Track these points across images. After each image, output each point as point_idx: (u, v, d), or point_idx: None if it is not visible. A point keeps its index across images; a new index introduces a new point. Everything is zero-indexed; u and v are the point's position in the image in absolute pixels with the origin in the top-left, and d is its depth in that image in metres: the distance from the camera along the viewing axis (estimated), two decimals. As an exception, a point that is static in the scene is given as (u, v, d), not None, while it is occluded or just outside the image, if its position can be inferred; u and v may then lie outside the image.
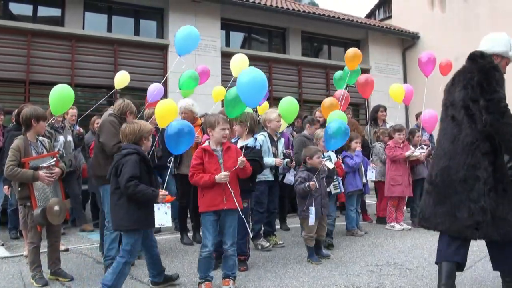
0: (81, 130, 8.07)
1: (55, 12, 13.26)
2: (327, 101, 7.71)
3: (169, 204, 4.45)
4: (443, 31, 18.19)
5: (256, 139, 5.79)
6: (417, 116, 10.10)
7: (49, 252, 5.22)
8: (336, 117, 6.39)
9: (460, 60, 8.73)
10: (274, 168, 6.61)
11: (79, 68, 12.52)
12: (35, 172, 4.87)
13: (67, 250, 6.54)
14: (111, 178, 4.49)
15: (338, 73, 8.69)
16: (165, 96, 12.69)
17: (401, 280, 4.96)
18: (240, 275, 5.19)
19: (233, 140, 5.69)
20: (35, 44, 12.15)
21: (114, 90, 8.77)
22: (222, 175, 4.64)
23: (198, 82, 7.52)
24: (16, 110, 6.87)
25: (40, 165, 4.95)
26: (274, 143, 6.69)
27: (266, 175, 6.51)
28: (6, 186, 6.58)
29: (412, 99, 9.34)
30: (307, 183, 5.71)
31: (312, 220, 5.69)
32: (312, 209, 5.69)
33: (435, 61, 8.64)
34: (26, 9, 12.93)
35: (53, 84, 12.01)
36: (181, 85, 7.30)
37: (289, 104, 7.02)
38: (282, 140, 7.00)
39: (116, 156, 4.54)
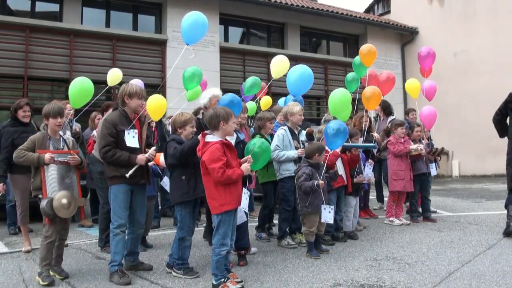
0: (77, 129, 7.98)
1: (53, 7, 13.23)
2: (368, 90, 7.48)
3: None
4: (442, 26, 18.21)
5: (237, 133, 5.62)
6: (407, 112, 10.09)
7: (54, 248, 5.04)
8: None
9: (459, 56, 8.75)
10: (298, 162, 6.44)
11: (78, 64, 12.49)
12: (41, 155, 4.80)
13: (66, 245, 6.51)
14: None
15: (350, 75, 8.58)
16: (164, 91, 12.73)
17: (400, 274, 4.96)
18: (240, 270, 5.19)
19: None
20: (33, 39, 12.13)
21: (111, 86, 8.58)
22: (248, 166, 4.66)
23: (201, 77, 7.39)
24: (13, 107, 6.78)
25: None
26: (295, 136, 6.60)
27: (291, 170, 6.37)
28: (1, 184, 6.48)
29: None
30: (316, 182, 5.66)
31: (328, 218, 5.71)
32: (327, 207, 5.72)
33: (434, 56, 8.58)
34: (24, 4, 12.91)
35: (51, 79, 12.09)
36: (186, 85, 7.20)
37: (342, 97, 6.86)
38: (303, 132, 6.91)
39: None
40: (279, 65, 7.29)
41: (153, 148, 5.20)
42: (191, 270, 5.04)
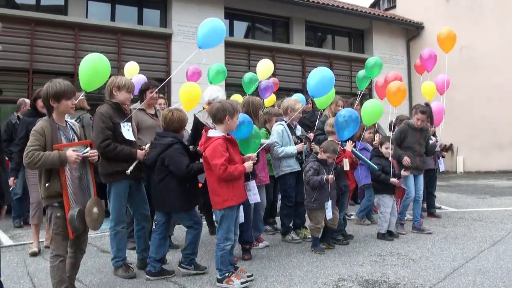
0: None
1: (59, 1, 13.23)
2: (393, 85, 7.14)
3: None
4: (448, 20, 18.08)
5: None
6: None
7: (67, 265, 4.08)
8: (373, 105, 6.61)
9: (465, 50, 8.69)
10: (299, 156, 6.45)
11: (83, 57, 12.39)
12: (61, 152, 3.76)
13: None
14: (156, 168, 4.79)
15: (361, 73, 8.58)
16: (168, 86, 12.74)
17: (404, 270, 4.96)
18: (244, 264, 5.20)
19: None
20: (38, 33, 12.13)
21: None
22: (251, 164, 4.67)
23: (226, 75, 7.59)
24: (32, 96, 6.60)
25: None
26: (293, 131, 6.60)
27: (292, 166, 6.36)
28: (12, 178, 6.36)
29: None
30: (325, 177, 5.65)
31: (330, 214, 5.70)
32: (329, 203, 5.70)
33: (435, 58, 8.50)
34: (29, -2, 12.91)
35: (56, 73, 12.09)
36: (211, 79, 7.34)
37: (373, 107, 6.79)
38: (299, 128, 6.91)
39: (158, 145, 4.80)
40: (264, 68, 7.92)
41: (148, 145, 5.05)
42: (199, 265, 5.00)
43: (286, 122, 6.47)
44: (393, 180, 6.51)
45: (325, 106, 7.40)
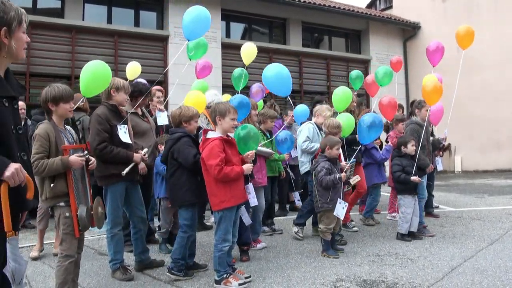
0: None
1: (55, 3, 13.21)
2: (428, 84, 6.86)
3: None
4: (444, 20, 18.15)
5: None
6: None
7: None
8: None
9: (462, 50, 8.71)
10: None
11: (80, 60, 12.46)
12: (64, 157, 3.78)
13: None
14: (168, 162, 4.91)
15: (354, 72, 8.61)
16: (165, 88, 12.71)
17: (402, 270, 4.96)
18: (242, 265, 5.20)
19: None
20: (35, 36, 12.09)
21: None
22: (250, 166, 4.68)
23: (207, 48, 7.41)
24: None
25: None
26: (320, 132, 6.82)
27: None
28: None
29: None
30: (338, 175, 5.61)
31: (340, 213, 5.67)
32: (343, 203, 5.69)
33: (443, 50, 8.49)
34: (26, 1, 12.87)
35: (53, 76, 12.07)
36: (191, 55, 7.20)
37: (343, 94, 7.00)
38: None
39: (169, 141, 4.90)
40: (248, 52, 8.14)
41: (145, 149, 5.08)
42: (188, 272, 4.94)
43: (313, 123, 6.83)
44: (414, 178, 6.42)
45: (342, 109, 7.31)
